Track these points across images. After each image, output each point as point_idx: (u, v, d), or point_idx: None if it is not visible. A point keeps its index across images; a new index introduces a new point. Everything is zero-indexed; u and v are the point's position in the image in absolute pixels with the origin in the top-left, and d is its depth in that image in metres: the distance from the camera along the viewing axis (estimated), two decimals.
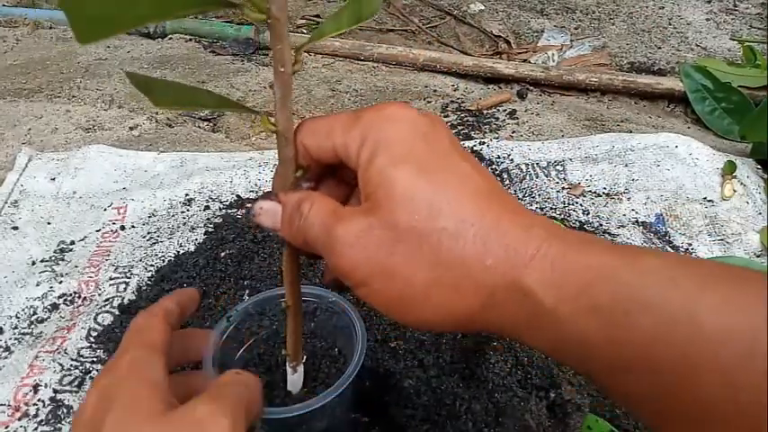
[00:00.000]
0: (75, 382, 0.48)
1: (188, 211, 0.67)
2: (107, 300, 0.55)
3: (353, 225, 0.26)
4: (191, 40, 1.06)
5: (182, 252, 0.61)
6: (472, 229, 0.25)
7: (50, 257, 0.61)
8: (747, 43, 0.98)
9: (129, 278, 0.58)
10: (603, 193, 0.71)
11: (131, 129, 0.82)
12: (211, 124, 0.85)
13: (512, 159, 0.75)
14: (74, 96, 0.88)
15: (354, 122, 0.28)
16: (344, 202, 0.31)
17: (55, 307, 0.55)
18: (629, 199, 0.69)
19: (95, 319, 0.53)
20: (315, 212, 0.28)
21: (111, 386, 0.28)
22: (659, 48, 1.07)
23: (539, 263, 0.24)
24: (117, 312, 0.54)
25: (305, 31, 1.09)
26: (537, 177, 0.73)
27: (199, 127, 0.84)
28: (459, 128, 0.83)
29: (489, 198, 0.26)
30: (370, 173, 0.26)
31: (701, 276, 0.22)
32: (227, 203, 0.68)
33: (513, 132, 0.82)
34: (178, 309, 0.35)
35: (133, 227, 0.65)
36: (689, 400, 0.22)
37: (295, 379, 0.39)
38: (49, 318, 0.54)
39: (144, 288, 0.57)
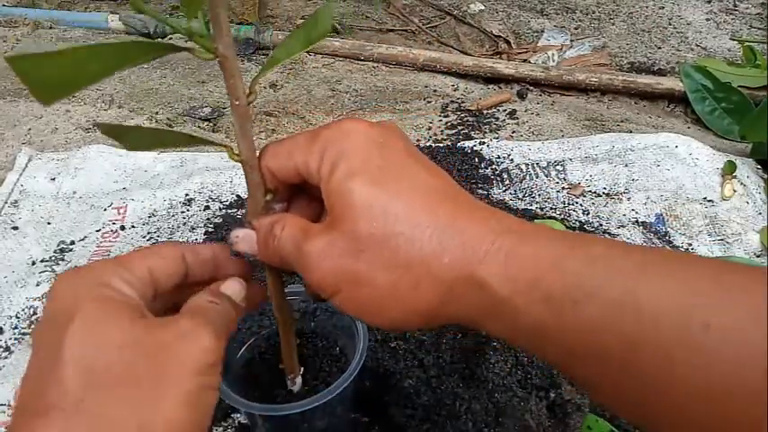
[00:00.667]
0: None
1: (188, 211, 0.67)
2: None
3: (319, 240, 0.28)
4: (191, 40, 1.06)
5: None
6: (428, 230, 0.26)
7: (50, 257, 0.61)
8: (747, 43, 0.98)
9: None
10: (603, 193, 0.71)
11: None
12: (211, 124, 0.85)
13: (512, 159, 0.75)
14: (74, 96, 0.88)
15: (313, 140, 0.29)
16: (317, 219, 0.33)
17: None
18: (629, 199, 0.69)
19: None
20: (286, 233, 0.29)
21: (77, 287, 0.27)
22: (659, 48, 1.07)
23: (493, 257, 0.26)
24: None
25: None
26: (537, 177, 0.73)
27: (199, 127, 0.84)
28: (460, 128, 0.83)
29: (444, 199, 0.28)
30: (331, 186, 0.28)
31: (641, 262, 0.24)
32: (227, 203, 0.68)
33: (513, 132, 0.82)
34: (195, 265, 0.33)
35: (133, 227, 0.65)
36: (635, 380, 0.23)
37: (295, 389, 0.39)
38: None
39: None
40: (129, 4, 0.23)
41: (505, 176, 0.73)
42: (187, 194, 0.69)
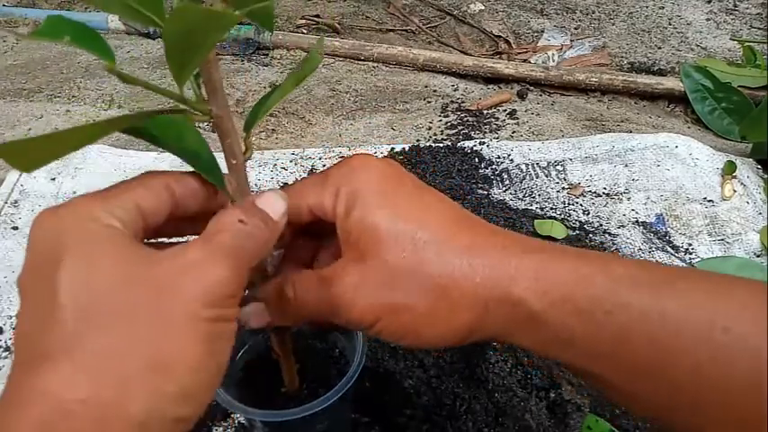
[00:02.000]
0: None
1: None
2: None
3: (349, 278, 0.28)
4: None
5: None
6: (456, 254, 0.28)
7: None
8: (747, 43, 0.98)
9: None
10: (603, 193, 0.71)
11: None
12: (210, 125, 0.85)
13: (512, 159, 0.75)
14: (74, 96, 0.88)
15: (324, 180, 0.30)
16: (314, 255, 0.34)
17: None
18: (629, 199, 0.69)
19: None
20: (301, 291, 0.30)
21: (61, 225, 0.24)
22: (659, 48, 1.07)
23: (523, 274, 0.28)
24: None
25: (305, 31, 1.09)
26: (537, 177, 0.73)
27: (198, 126, 0.84)
28: (460, 128, 0.83)
29: (464, 224, 0.30)
30: (350, 224, 0.29)
31: (664, 277, 0.27)
32: None
33: (514, 132, 0.82)
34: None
35: None
36: (663, 380, 0.25)
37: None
38: None
39: None
40: (119, 78, 0.23)
41: (505, 176, 0.73)
42: None
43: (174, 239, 0.29)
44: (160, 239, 0.29)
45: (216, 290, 0.24)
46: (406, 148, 0.76)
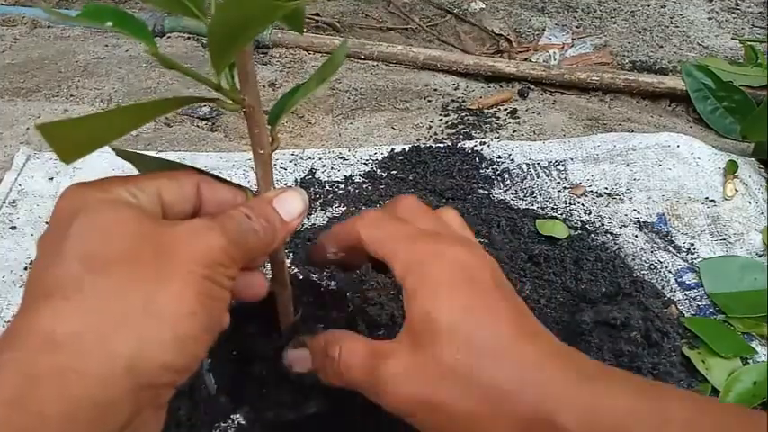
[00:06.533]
0: None
1: None
2: None
3: (399, 363, 0.28)
4: (189, 38, 1.06)
5: None
6: (510, 365, 0.27)
7: None
8: (749, 43, 0.97)
9: None
10: (605, 192, 0.70)
11: None
12: (210, 123, 0.85)
13: (512, 159, 0.75)
14: (72, 96, 0.88)
15: (411, 244, 0.30)
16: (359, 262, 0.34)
17: None
18: (630, 199, 0.69)
19: None
20: (348, 354, 0.30)
21: (83, 194, 0.26)
22: (661, 47, 1.07)
23: (572, 402, 0.26)
24: None
25: (304, 30, 1.08)
26: (538, 177, 0.72)
27: (197, 126, 0.84)
28: (460, 127, 0.83)
29: (527, 337, 0.28)
30: (414, 308, 0.29)
31: (717, 423, 0.25)
32: None
33: (515, 132, 0.82)
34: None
35: None
36: None
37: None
38: None
39: None
40: (159, 62, 0.22)
41: (506, 176, 0.73)
42: None
43: None
44: None
45: (211, 254, 0.25)
46: (407, 149, 0.76)
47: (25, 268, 0.59)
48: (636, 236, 0.65)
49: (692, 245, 0.64)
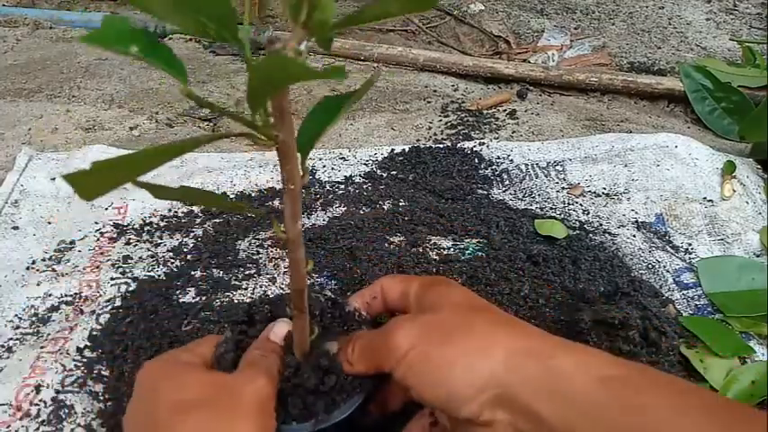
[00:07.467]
0: (77, 383, 0.48)
1: (189, 211, 0.67)
2: (108, 300, 0.55)
3: (401, 321, 0.38)
4: (191, 40, 1.06)
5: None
6: (501, 327, 0.37)
7: (51, 257, 0.61)
8: (747, 43, 0.98)
9: (130, 279, 0.58)
10: (603, 193, 0.71)
11: (131, 129, 0.82)
12: (211, 124, 0.85)
13: (511, 160, 0.75)
14: (74, 96, 0.88)
15: (425, 293, 0.40)
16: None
17: (56, 307, 0.55)
18: (628, 199, 0.69)
19: (97, 319, 0.53)
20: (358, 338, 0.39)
21: (159, 362, 0.37)
22: (659, 48, 1.07)
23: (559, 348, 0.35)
24: (118, 313, 0.54)
25: None
26: (537, 177, 0.73)
27: (199, 127, 0.84)
28: (460, 128, 0.83)
29: (518, 323, 0.38)
30: (425, 300, 0.40)
31: (705, 408, 0.30)
32: None
33: (513, 132, 0.82)
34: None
35: (133, 227, 0.65)
36: None
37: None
38: (51, 318, 0.54)
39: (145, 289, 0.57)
40: (195, 101, 0.23)
41: (505, 177, 0.73)
42: None
43: None
44: None
45: (263, 392, 0.35)
46: (406, 149, 0.76)
47: (27, 268, 0.59)
48: (634, 236, 0.65)
49: (690, 245, 0.64)
